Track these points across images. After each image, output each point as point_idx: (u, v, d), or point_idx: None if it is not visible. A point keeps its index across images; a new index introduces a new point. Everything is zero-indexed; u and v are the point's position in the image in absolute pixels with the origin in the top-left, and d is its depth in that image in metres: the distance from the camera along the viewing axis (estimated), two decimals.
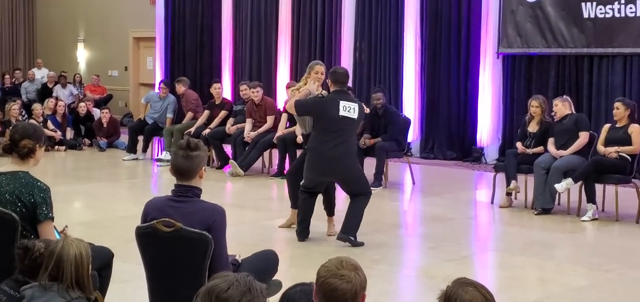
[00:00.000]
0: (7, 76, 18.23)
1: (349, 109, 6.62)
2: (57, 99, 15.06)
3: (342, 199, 7.50)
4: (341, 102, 6.61)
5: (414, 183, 10.38)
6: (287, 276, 4.61)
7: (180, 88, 12.37)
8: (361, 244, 6.66)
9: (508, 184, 8.59)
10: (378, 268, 6.02)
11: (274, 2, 14.94)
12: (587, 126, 8.55)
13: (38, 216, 3.92)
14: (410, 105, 13.07)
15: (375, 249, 6.63)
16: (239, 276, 2.35)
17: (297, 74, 14.51)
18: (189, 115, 12.26)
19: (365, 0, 13.59)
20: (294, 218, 7.11)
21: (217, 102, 11.96)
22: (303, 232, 6.89)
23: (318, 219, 7.29)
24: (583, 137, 8.33)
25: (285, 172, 10.60)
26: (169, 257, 3.71)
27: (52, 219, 3.98)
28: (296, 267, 6.01)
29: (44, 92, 16.86)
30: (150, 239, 3.74)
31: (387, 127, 10.03)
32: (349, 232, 6.68)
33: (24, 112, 14.03)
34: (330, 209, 7.10)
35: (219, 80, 13.13)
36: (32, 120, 12.00)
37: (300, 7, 14.53)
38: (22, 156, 4.02)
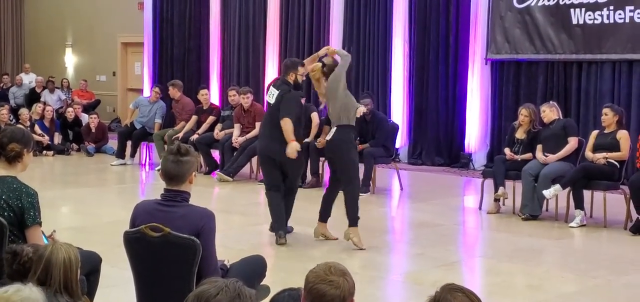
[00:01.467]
0: None
1: (270, 94, 7.14)
2: (45, 104, 15.01)
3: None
4: (271, 87, 7.22)
5: (401, 189, 10.40)
6: (276, 281, 4.60)
7: (176, 93, 12.29)
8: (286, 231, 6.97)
9: (496, 190, 8.60)
10: (366, 274, 6.02)
11: (262, 7, 14.96)
12: (575, 131, 8.58)
13: (26, 220, 3.91)
14: (399, 111, 13.10)
15: (362, 255, 6.63)
16: (228, 282, 2.35)
17: None
18: (182, 124, 12.14)
19: (353, 5, 13.62)
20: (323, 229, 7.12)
21: (204, 108, 11.94)
22: (281, 231, 6.96)
23: (304, 224, 7.31)
24: (572, 142, 8.35)
25: None
26: (157, 262, 3.70)
27: (40, 223, 3.97)
28: (284, 272, 6.00)
29: (32, 97, 16.83)
30: (138, 244, 3.73)
31: (375, 132, 10.05)
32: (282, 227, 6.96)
33: (12, 117, 13.97)
34: (323, 214, 7.09)
35: (207, 86, 13.09)
36: (19, 125, 11.94)
37: (289, 12, 14.55)
38: (10, 160, 4.02)
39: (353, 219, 6.78)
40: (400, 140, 12.63)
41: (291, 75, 7.09)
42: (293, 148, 6.86)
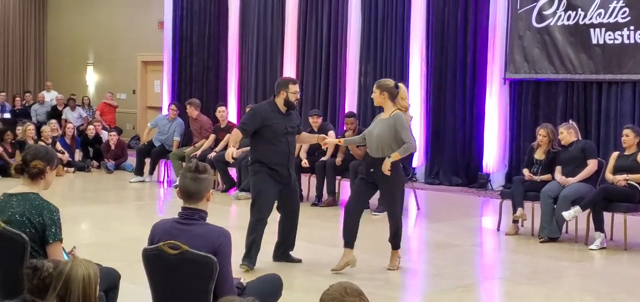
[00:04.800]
0: (17, 98, 18.41)
1: None
2: (66, 121, 15.14)
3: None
4: None
5: (418, 209, 10.36)
6: (291, 300, 4.60)
7: (194, 111, 12.35)
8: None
9: (515, 211, 8.56)
10: (382, 294, 5.99)
11: (279, 26, 15.05)
12: (594, 153, 8.52)
13: (47, 237, 3.95)
14: (416, 130, 13.01)
15: (378, 275, 6.60)
16: (245, 300, 2.36)
17: (302, 97, 14.56)
18: (201, 142, 12.14)
19: (370, 24, 13.65)
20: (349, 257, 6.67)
21: (222, 126, 11.99)
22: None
23: (321, 243, 7.29)
24: (592, 164, 8.30)
25: None
26: (174, 280, 3.73)
27: (61, 240, 4.01)
28: (300, 291, 6.00)
29: (54, 115, 16.99)
30: (156, 261, 3.75)
31: None
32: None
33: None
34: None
35: (224, 104, 13.14)
36: (41, 143, 12.06)
37: (306, 31, 14.62)
38: (32, 176, 4.07)
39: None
40: (417, 160, 12.60)
41: (282, 93, 6.74)
42: (229, 152, 6.80)
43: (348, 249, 6.59)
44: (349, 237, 6.60)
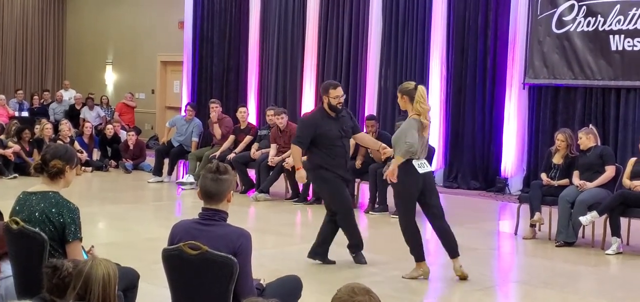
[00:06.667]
0: (35, 97, 18.54)
1: None
2: (84, 120, 15.23)
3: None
4: None
5: None
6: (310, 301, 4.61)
7: (218, 109, 12.41)
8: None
9: (532, 215, 8.55)
10: (399, 297, 6.01)
11: (300, 28, 15.07)
12: (612, 159, 8.49)
13: (66, 236, 3.98)
14: (435, 133, 13.03)
15: (397, 278, 6.62)
16: None
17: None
18: (219, 135, 12.23)
19: (391, 27, 13.65)
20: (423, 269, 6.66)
21: (242, 127, 12.04)
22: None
23: (341, 244, 7.29)
24: (609, 170, 8.27)
25: (308, 198, 10.66)
26: (194, 280, 3.75)
27: (80, 239, 4.04)
28: (319, 293, 6.01)
29: (72, 114, 17.10)
30: (176, 262, 3.78)
31: None
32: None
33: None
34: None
35: (245, 105, 13.22)
36: (59, 141, 12.14)
37: (327, 33, 14.64)
38: (52, 176, 4.10)
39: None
40: (436, 163, 12.58)
41: (325, 99, 6.81)
42: (299, 175, 6.91)
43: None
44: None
